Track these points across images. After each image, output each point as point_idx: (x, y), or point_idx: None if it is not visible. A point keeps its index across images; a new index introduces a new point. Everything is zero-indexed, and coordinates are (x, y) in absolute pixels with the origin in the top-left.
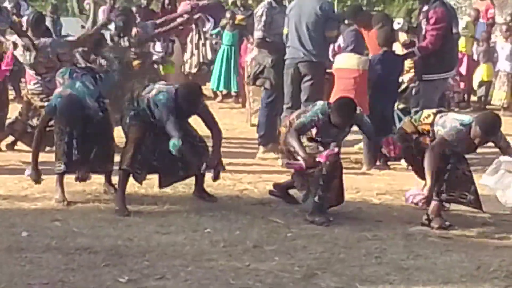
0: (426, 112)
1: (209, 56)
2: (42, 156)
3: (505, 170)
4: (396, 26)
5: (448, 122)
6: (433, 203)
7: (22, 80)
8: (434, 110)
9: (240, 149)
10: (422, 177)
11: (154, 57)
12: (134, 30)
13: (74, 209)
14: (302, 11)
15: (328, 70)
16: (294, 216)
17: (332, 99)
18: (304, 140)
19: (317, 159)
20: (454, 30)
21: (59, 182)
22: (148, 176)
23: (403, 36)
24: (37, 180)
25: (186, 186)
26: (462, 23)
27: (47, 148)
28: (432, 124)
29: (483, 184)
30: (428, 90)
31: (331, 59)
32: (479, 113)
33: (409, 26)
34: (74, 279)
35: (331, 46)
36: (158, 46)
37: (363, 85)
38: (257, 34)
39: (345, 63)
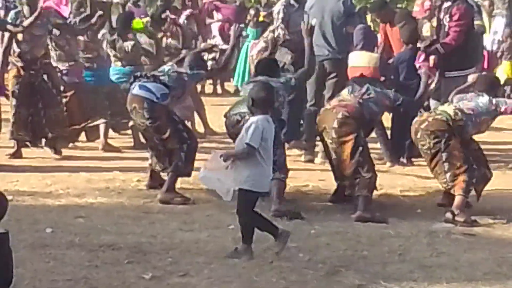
0: (450, 110)
1: None
2: (67, 153)
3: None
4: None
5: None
6: (459, 198)
7: None
8: (453, 107)
9: None
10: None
11: None
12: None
13: (98, 206)
14: (324, 9)
15: None
16: (317, 213)
17: None
18: None
19: None
20: (477, 22)
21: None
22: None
23: None
24: None
25: None
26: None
27: (70, 145)
28: (463, 120)
29: (202, 178)
30: (450, 87)
31: None
32: None
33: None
34: (97, 276)
35: None
36: None
37: None
38: (276, 32)
39: (356, 61)
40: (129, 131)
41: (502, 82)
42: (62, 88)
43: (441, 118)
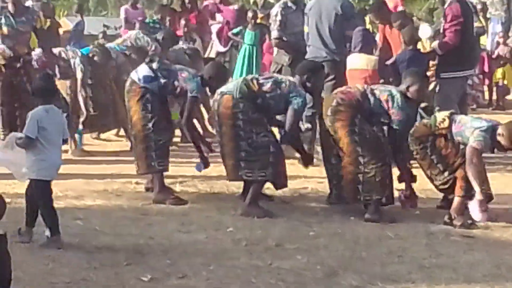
0: (440, 116)
1: None
2: (65, 156)
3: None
4: (423, 35)
5: (467, 131)
6: (457, 201)
7: None
8: (447, 113)
9: None
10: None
11: None
12: None
13: (96, 208)
14: (322, 10)
15: None
16: (316, 215)
17: None
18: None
19: None
20: (476, 24)
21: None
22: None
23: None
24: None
25: (207, 185)
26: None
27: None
28: (449, 129)
29: None
30: (445, 88)
31: None
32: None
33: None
34: (96, 278)
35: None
36: (179, 45)
37: (374, 84)
38: (274, 34)
39: (355, 63)
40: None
41: None
42: None
43: (425, 123)
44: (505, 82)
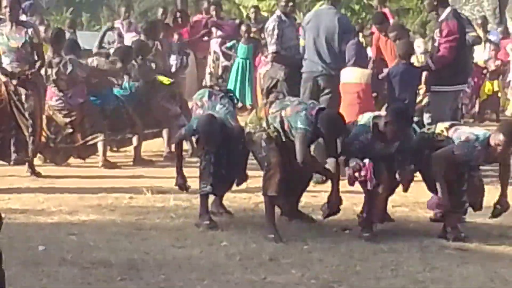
0: (439, 127)
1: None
2: (59, 171)
3: None
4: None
5: (463, 136)
6: (450, 214)
7: None
8: (446, 125)
9: (255, 162)
10: (431, 189)
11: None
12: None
13: (90, 223)
14: (319, 25)
15: None
16: (310, 229)
17: None
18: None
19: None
20: (472, 34)
21: (203, 203)
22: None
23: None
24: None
25: None
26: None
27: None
28: (448, 136)
29: None
30: (438, 102)
31: None
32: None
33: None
34: None
35: None
36: (173, 59)
37: (367, 98)
38: (272, 48)
39: (348, 77)
40: (129, 148)
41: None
42: (67, 110)
43: (424, 134)
44: (499, 94)
